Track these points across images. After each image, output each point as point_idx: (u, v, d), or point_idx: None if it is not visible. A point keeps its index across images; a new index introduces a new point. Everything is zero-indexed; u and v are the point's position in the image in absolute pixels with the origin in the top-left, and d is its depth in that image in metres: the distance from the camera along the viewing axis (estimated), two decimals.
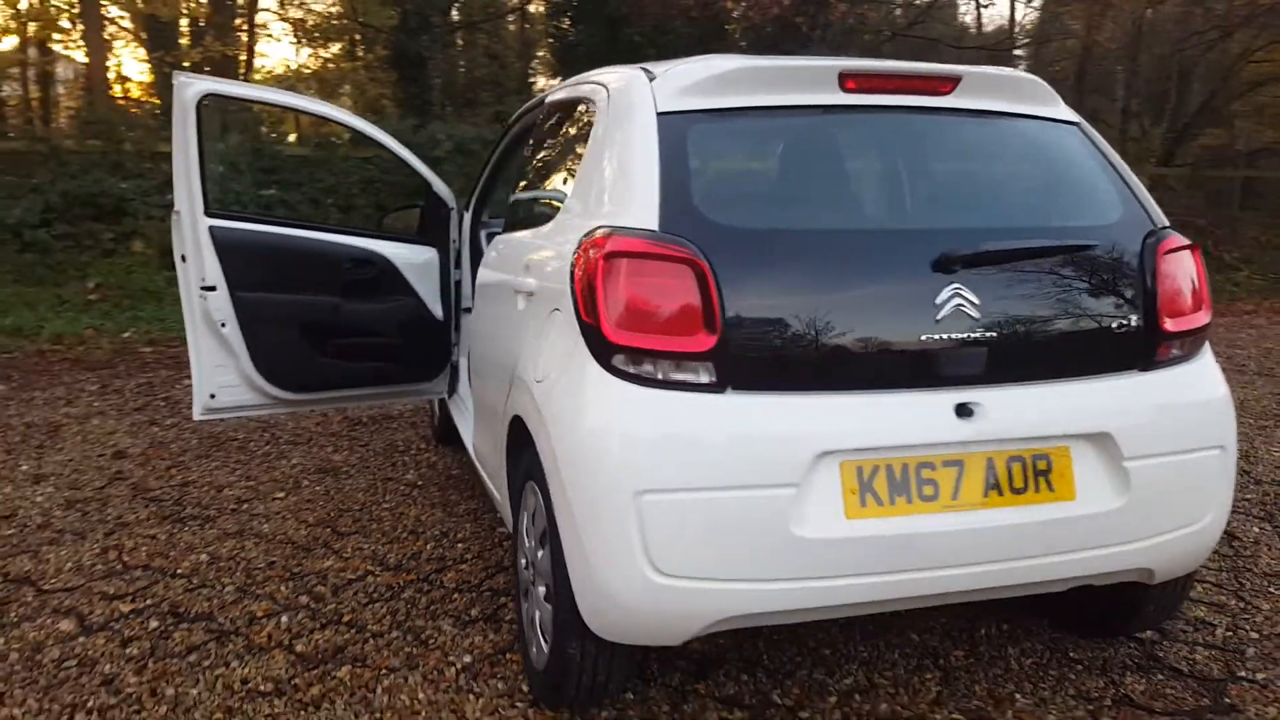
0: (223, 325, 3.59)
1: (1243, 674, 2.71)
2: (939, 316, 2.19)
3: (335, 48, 18.61)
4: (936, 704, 2.53)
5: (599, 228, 2.24)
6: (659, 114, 2.32)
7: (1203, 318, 2.49)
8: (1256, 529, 3.82)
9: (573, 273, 2.24)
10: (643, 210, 2.18)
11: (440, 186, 4.08)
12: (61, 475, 4.27)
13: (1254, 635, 2.94)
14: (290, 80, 18.12)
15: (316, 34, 17.30)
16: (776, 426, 2.11)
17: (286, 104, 4.05)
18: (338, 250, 3.84)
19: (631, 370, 2.11)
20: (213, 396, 3.68)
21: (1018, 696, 2.57)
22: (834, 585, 2.14)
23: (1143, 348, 2.39)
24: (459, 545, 3.52)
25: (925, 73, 2.45)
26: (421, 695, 2.53)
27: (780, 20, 11.12)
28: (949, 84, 2.45)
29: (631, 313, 2.10)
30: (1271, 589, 3.28)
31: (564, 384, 2.23)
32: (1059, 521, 2.26)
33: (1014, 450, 2.25)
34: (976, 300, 2.22)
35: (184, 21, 14.70)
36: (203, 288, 3.55)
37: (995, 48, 16.79)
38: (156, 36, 14.22)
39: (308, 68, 19.23)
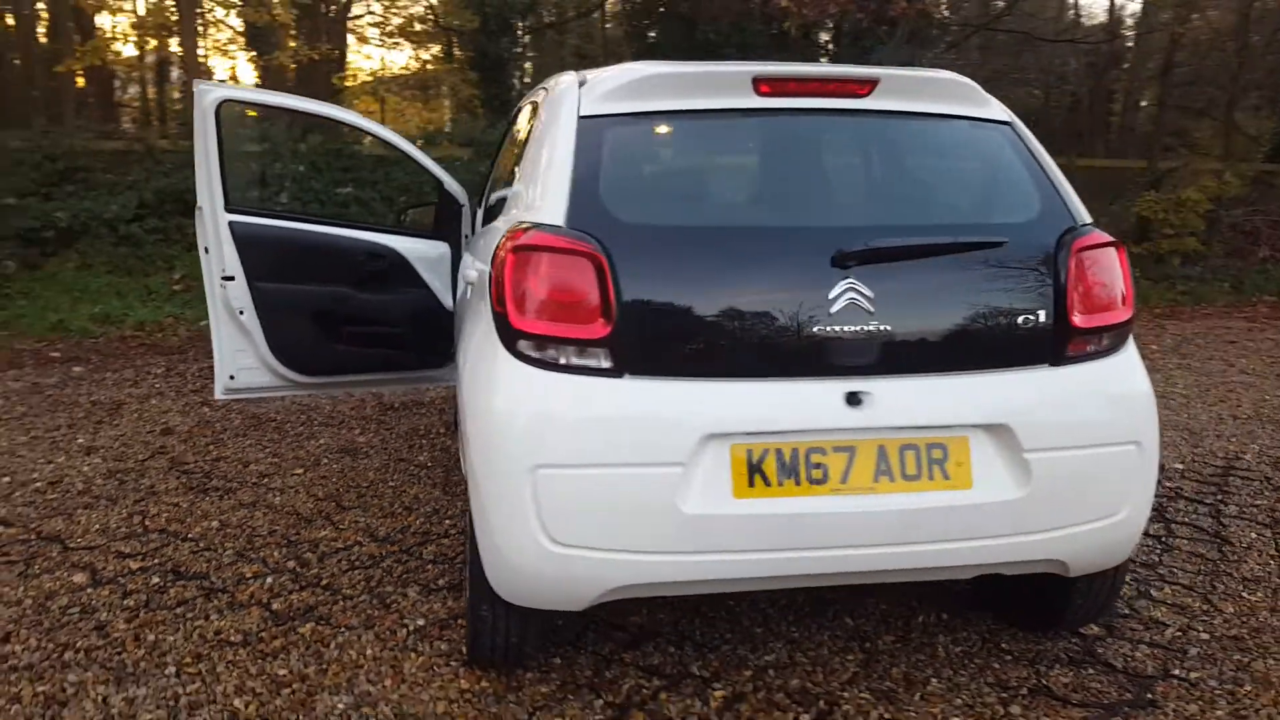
0: (241, 312, 3.89)
1: (1177, 672, 2.71)
2: (832, 310, 2.28)
3: (435, 49, 19.23)
4: (849, 683, 2.62)
5: (520, 223, 2.41)
6: (580, 117, 2.47)
7: (1119, 315, 2.51)
8: (1255, 534, 3.75)
9: (492, 264, 2.42)
10: (555, 207, 2.34)
11: (451, 184, 4.32)
12: (110, 448, 4.68)
13: (1204, 636, 2.92)
14: (376, 83, 18.79)
15: (408, 36, 17.88)
16: (666, 410, 2.24)
17: (296, 108, 4.33)
18: (351, 244, 4.11)
19: (535, 355, 2.27)
20: (232, 378, 4.00)
21: (932, 680, 2.64)
22: (721, 560, 2.27)
23: (1052, 343, 2.43)
24: (446, 522, 3.75)
25: (841, 75, 2.54)
26: (369, 651, 2.75)
27: (841, 16, 11.08)
28: (866, 86, 2.54)
29: (534, 301, 2.27)
30: (1245, 593, 3.24)
31: (479, 367, 2.42)
32: (953, 509, 2.33)
33: (907, 438, 2.33)
34: (871, 295, 2.30)
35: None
36: (223, 277, 3.86)
37: (1087, 40, 16.23)
38: (258, 40, 14.99)
39: (406, 69, 19.96)
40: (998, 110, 2.70)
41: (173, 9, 13.88)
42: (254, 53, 15.44)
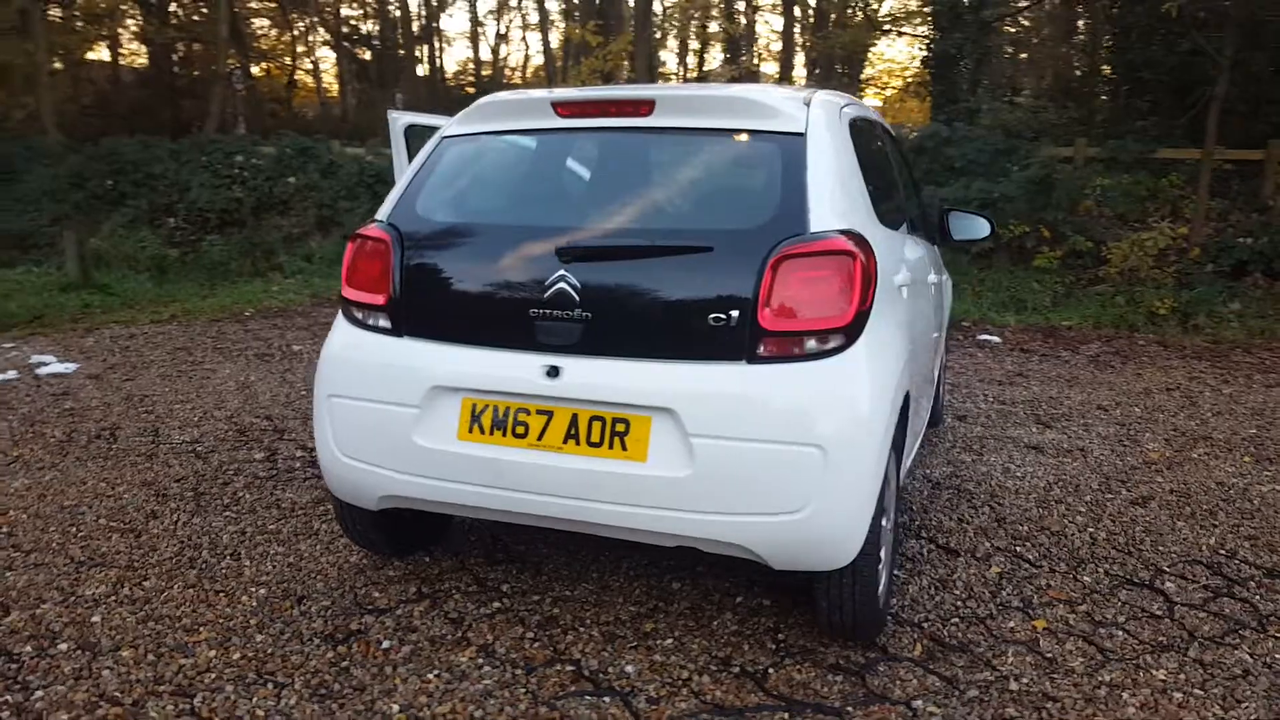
0: None
1: (897, 695, 2.65)
2: (544, 296, 2.74)
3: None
4: (594, 622, 3.01)
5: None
6: (442, 137, 3.19)
7: (821, 322, 2.57)
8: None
9: None
10: (386, 206, 3.11)
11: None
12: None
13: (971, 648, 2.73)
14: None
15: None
16: (411, 362, 2.89)
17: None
18: None
19: (352, 315, 3.07)
20: None
21: (668, 639, 2.91)
22: (445, 486, 2.85)
23: (745, 342, 2.58)
24: None
25: (623, 98, 2.91)
26: (284, 529, 3.77)
27: None
28: (646, 107, 2.89)
29: (352, 274, 3.05)
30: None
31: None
32: (626, 476, 2.64)
33: (596, 410, 2.69)
34: (579, 285, 2.71)
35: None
36: None
37: None
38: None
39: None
40: (791, 123, 2.83)
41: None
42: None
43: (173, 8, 22.59)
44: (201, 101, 19.72)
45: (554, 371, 2.72)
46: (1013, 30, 18.52)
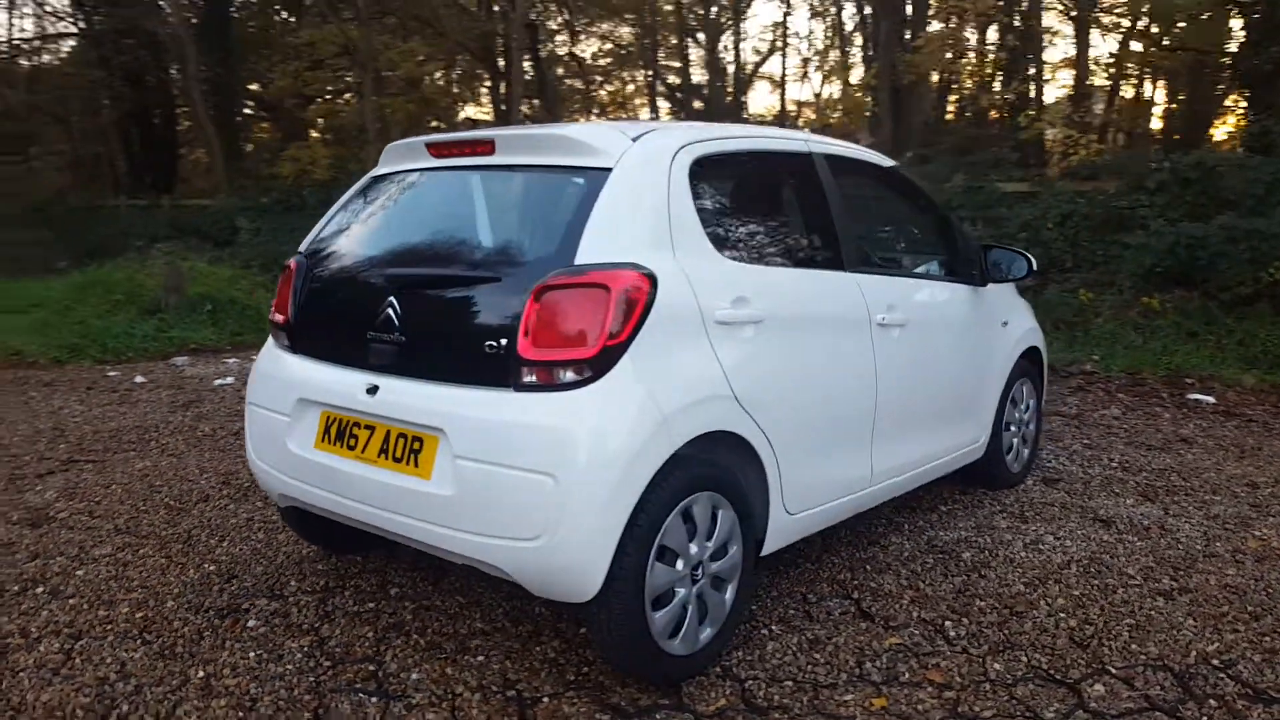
0: None
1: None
2: (375, 322, 3.00)
3: None
4: (422, 631, 3.16)
5: None
6: (369, 176, 3.55)
7: (571, 353, 2.59)
8: None
9: None
10: (308, 238, 3.51)
11: None
12: None
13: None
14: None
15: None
16: (288, 376, 3.25)
17: None
18: None
19: (272, 335, 3.49)
20: None
21: (476, 650, 3.00)
22: (304, 488, 3.17)
23: (509, 369, 2.66)
24: None
25: (472, 138, 3.09)
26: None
27: None
28: (486, 146, 3.05)
29: (276, 299, 3.48)
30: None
31: None
32: (414, 492, 2.81)
33: (400, 428, 2.89)
34: (400, 312, 2.94)
35: None
36: None
37: None
38: None
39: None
40: (604, 159, 2.85)
41: None
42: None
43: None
44: None
45: (374, 390, 2.96)
46: None
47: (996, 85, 14.95)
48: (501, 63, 21.02)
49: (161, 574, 3.67)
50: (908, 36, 15.18)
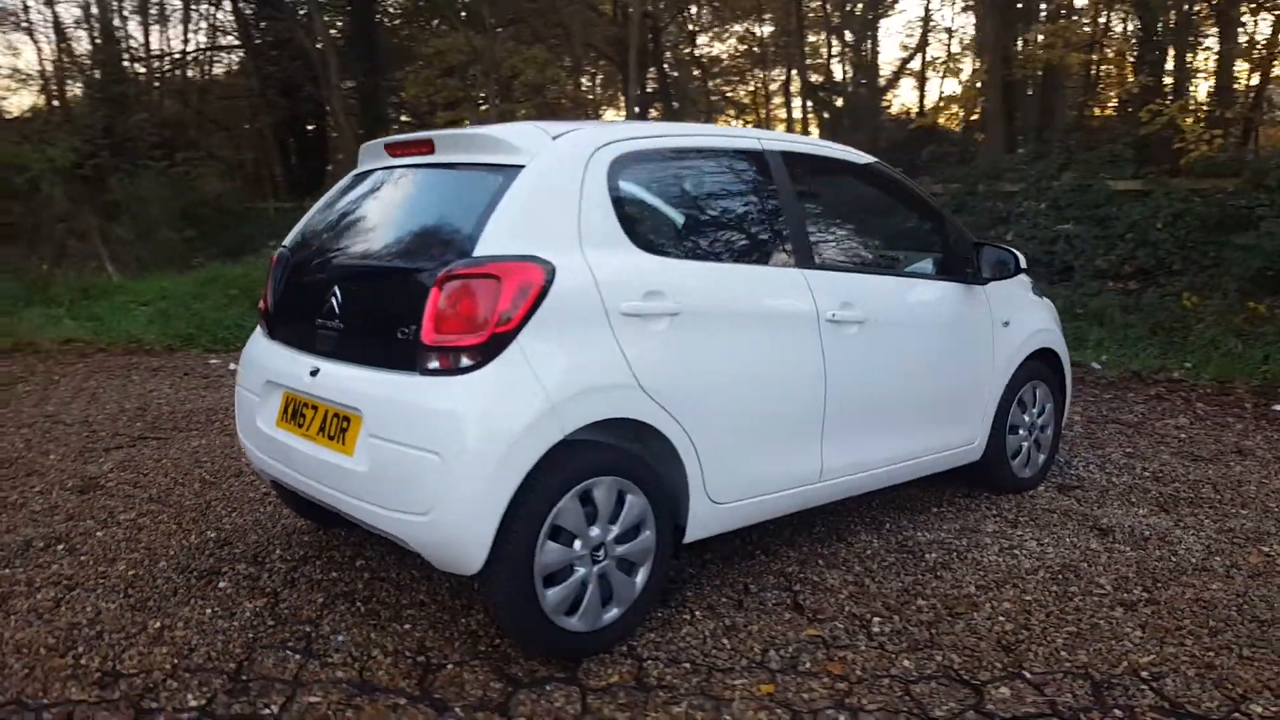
0: None
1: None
2: (323, 310, 3.24)
3: None
4: (358, 599, 3.38)
5: None
6: (352, 174, 3.80)
7: (463, 340, 2.74)
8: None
9: None
10: (293, 231, 3.79)
11: None
12: None
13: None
14: None
15: None
16: (263, 361, 3.54)
17: None
18: None
19: (259, 323, 3.79)
20: None
21: (390, 620, 3.20)
22: (271, 463, 3.45)
23: (414, 354, 2.85)
24: None
25: (414, 140, 3.28)
26: None
27: None
28: (427, 146, 3.24)
29: (264, 291, 3.78)
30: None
31: None
32: (340, 468, 3.04)
33: (334, 409, 3.12)
34: (340, 302, 3.18)
35: None
36: None
37: None
38: None
39: None
40: (521, 157, 3.00)
41: None
42: None
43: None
44: None
45: (315, 372, 3.21)
46: None
47: (1128, 75, 14.14)
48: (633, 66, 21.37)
49: (167, 538, 4.04)
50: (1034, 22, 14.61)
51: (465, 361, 2.77)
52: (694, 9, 25.59)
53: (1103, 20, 16.15)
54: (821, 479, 3.62)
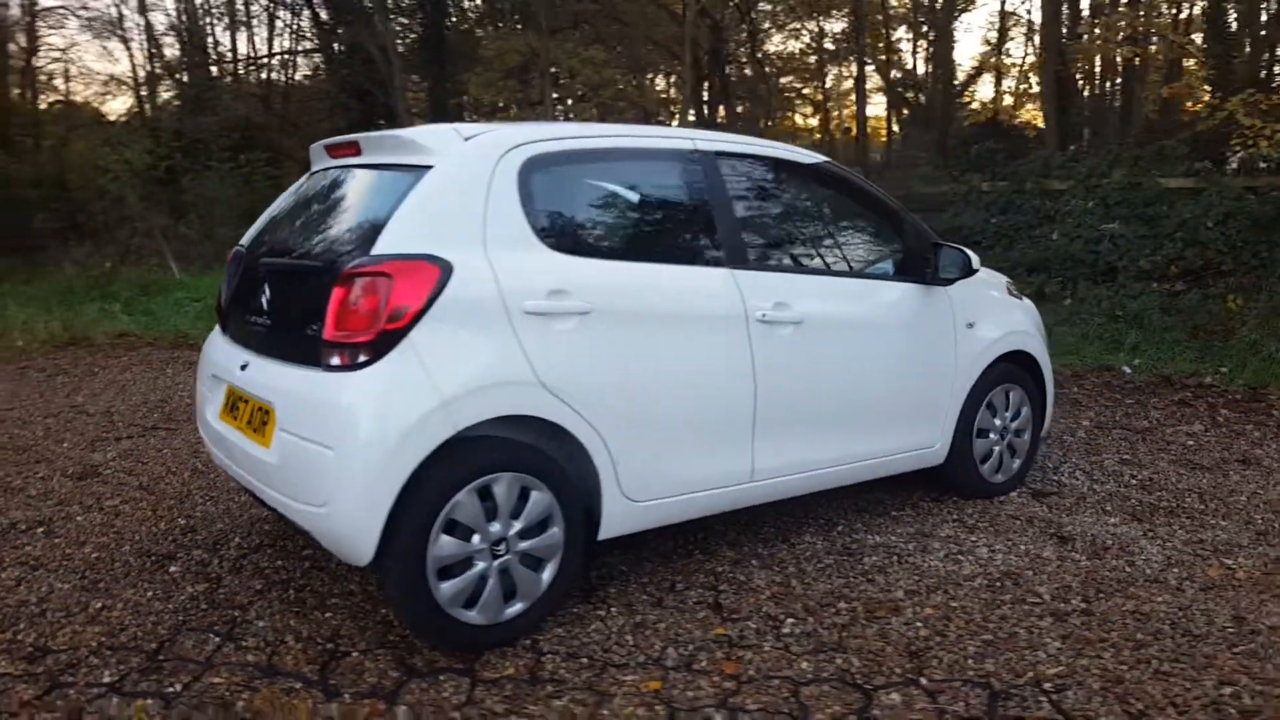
0: None
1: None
2: (254, 305, 3.38)
3: None
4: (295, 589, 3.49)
5: None
6: (306, 175, 3.94)
7: (356, 337, 2.83)
8: None
9: None
10: (250, 230, 3.93)
11: None
12: None
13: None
14: None
15: None
16: (213, 356, 3.68)
17: None
18: None
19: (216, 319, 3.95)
20: None
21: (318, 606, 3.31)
22: (216, 454, 3.60)
23: (320, 350, 2.94)
24: None
25: (344, 141, 3.39)
26: None
27: None
28: (354, 148, 3.34)
29: (223, 287, 3.94)
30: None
31: None
32: (259, 459, 3.16)
33: (257, 402, 3.24)
34: (268, 297, 3.31)
35: None
36: None
37: None
38: None
39: None
40: (431, 158, 3.07)
41: None
42: None
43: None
44: None
45: (245, 366, 3.34)
46: None
47: (1190, 65, 13.61)
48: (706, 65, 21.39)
49: (139, 524, 4.24)
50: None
51: (361, 358, 2.86)
52: (764, 6, 25.46)
53: (1171, 13, 15.55)
54: (753, 479, 3.61)
